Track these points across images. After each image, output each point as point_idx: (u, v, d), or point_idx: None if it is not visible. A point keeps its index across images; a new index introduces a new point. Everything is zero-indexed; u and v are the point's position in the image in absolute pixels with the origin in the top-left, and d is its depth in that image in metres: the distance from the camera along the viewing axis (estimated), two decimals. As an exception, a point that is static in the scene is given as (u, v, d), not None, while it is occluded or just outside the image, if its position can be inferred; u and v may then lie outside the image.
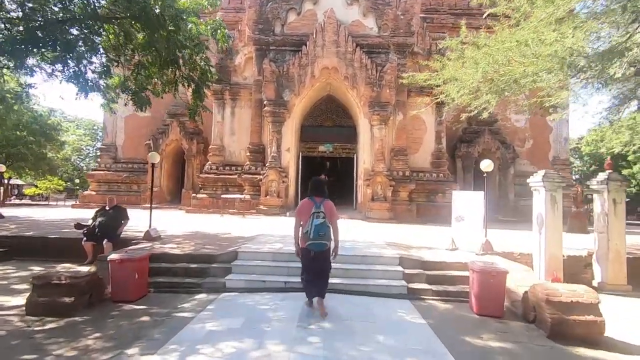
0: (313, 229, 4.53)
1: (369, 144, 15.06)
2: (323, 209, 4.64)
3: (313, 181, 4.93)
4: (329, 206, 4.73)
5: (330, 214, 4.69)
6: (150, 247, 7.13)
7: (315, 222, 4.54)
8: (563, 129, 17.67)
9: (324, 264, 4.80)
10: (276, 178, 14.57)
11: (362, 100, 14.83)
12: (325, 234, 4.62)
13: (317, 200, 4.71)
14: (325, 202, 4.72)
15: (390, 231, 10.98)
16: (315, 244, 4.60)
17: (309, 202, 4.75)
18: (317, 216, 4.57)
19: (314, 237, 4.56)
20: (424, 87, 15.64)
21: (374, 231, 10.72)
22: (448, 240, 8.60)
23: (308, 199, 4.80)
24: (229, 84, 15.88)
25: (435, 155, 15.48)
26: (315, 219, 4.55)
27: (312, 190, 4.84)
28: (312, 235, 4.55)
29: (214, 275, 6.28)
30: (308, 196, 4.84)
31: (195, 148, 17.38)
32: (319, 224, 4.55)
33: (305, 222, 4.65)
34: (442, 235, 10.41)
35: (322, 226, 4.56)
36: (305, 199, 4.90)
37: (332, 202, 4.89)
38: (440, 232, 11.21)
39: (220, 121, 15.98)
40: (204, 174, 15.66)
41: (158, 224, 11.10)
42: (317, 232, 4.53)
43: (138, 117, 18.38)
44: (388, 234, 10.27)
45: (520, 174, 17.37)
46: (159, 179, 17.50)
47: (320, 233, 4.56)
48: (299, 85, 14.89)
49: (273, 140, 14.95)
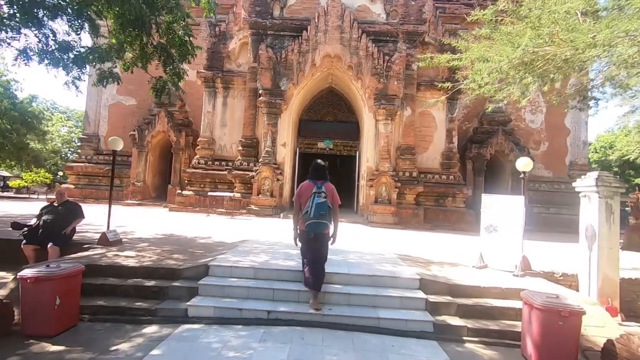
0: (314, 208, 4.29)
1: (373, 141, 13.45)
2: (324, 190, 4.40)
3: (314, 164, 4.62)
4: (330, 188, 4.49)
5: (332, 197, 4.45)
6: (99, 256, 5.47)
7: (316, 200, 4.31)
8: (581, 132, 16.13)
9: (321, 249, 4.49)
10: (270, 175, 12.93)
11: (367, 92, 13.23)
12: (326, 214, 4.35)
13: (318, 182, 4.46)
14: (327, 184, 4.48)
15: (397, 239, 9.35)
16: (315, 224, 4.31)
17: (309, 183, 4.49)
18: (318, 195, 4.35)
19: (314, 216, 4.29)
20: (434, 80, 14.11)
21: (379, 239, 9.09)
22: (471, 252, 7.02)
23: (308, 181, 4.53)
24: (222, 71, 14.23)
25: (445, 155, 13.87)
26: (316, 198, 4.33)
27: (312, 172, 4.57)
28: (313, 213, 4.28)
29: (174, 297, 4.63)
30: (308, 179, 4.57)
31: (184, 141, 15.70)
32: (320, 203, 4.31)
33: (305, 203, 4.39)
34: (459, 246, 8.82)
35: (323, 205, 4.32)
36: (305, 181, 4.60)
37: None
38: (455, 242, 9.60)
39: (211, 111, 14.32)
40: (190, 169, 13.99)
41: (131, 223, 9.52)
42: (317, 211, 4.28)
43: (123, 106, 16.73)
44: (396, 242, 8.65)
45: (534, 178, 15.83)
46: (143, 174, 15.81)
47: (322, 212, 4.30)
48: (298, 74, 13.27)
49: (268, 134, 13.31)
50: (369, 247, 7.40)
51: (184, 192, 13.68)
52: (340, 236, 4.77)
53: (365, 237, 9.21)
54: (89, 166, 16.05)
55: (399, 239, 9.36)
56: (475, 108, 16.38)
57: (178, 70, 7.71)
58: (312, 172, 4.58)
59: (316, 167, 4.58)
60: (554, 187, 15.85)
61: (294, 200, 4.64)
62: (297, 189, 4.61)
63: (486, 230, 6.18)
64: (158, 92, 7.53)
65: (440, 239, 10.17)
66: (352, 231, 10.25)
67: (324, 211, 4.31)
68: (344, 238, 8.54)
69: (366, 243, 8.10)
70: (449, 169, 13.82)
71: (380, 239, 9.14)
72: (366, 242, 8.23)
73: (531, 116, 16.28)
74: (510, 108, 16.24)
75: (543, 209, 15.64)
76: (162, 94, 7.65)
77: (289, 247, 6.64)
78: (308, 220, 4.31)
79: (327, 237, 4.51)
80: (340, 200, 4.59)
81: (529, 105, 16.30)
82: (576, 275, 6.30)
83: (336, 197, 4.51)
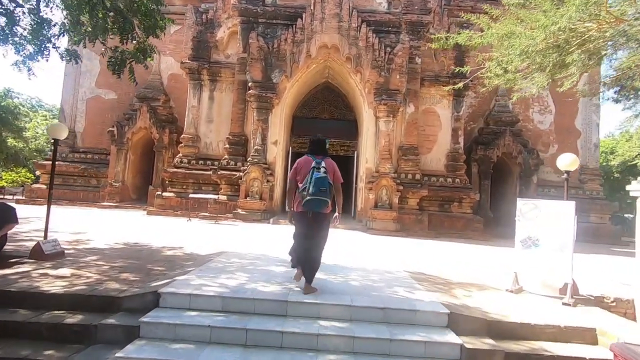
0: (313, 183, 3.69)
1: (373, 140, 12.11)
2: (324, 165, 3.85)
3: (313, 139, 4.15)
4: (331, 164, 3.97)
5: (333, 173, 3.93)
6: (19, 276, 4.02)
7: (315, 174, 3.73)
8: (592, 133, 14.95)
9: (320, 232, 3.92)
10: (259, 176, 11.52)
11: (367, 86, 11.91)
12: (327, 191, 3.74)
13: (318, 158, 3.94)
14: (327, 159, 3.98)
15: (402, 249, 7.98)
16: (314, 201, 3.68)
17: (308, 158, 3.99)
18: (317, 170, 3.78)
19: (313, 192, 3.67)
20: (439, 75, 12.85)
21: (382, 249, 7.71)
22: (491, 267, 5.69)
23: (307, 156, 4.05)
24: (208, 62, 12.83)
25: (451, 156, 12.56)
26: (315, 172, 3.75)
27: (311, 146, 4.10)
28: (312, 189, 3.67)
29: (104, 341, 3.20)
30: (306, 154, 4.09)
31: (168, 138, 14.22)
32: (319, 177, 3.72)
33: (303, 179, 3.84)
34: (474, 259, 7.48)
35: (323, 180, 3.73)
36: (303, 156, 4.11)
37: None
38: (468, 253, 8.26)
39: (196, 106, 12.88)
40: (172, 169, 12.52)
41: (94, 229, 7.99)
42: (317, 187, 3.67)
43: (102, 100, 15.23)
44: (402, 254, 7.27)
45: (543, 182, 14.58)
46: (122, 173, 14.30)
47: (322, 188, 3.69)
48: (292, 66, 11.91)
49: (257, 131, 11.91)
50: (372, 262, 6.01)
51: (164, 194, 12.20)
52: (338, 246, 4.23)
53: (366, 248, 7.82)
54: (63, 165, 14.48)
55: (404, 250, 7.98)
56: (480, 107, 15.17)
57: (145, 46, 6.30)
58: (311, 146, 4.10)
59: (315, 141, 4.11)
60: (564, 192, 14.60)
61: (289, 178, 4.13)
62: (295, 163, 4.07)
63: (523, 245, 4.82)
64: (116, 66, 6.10)
65: (449, 249, 8.81)
66: (350, 240, 8.87)
67: (324, 187, 3.71)
68: (342, 249, 7.16)
69: (368, 256, 6.71)
70: (455, 172, 12.51)
71: (383, 249, 7.76)
72: (368, 255, 6.84)
73: (540, 116, 15.07)
74: (517, 108, 15.04)
75: (552, 215, 14.36)
76: (122, 69, 6.22)
77: (275, 261, 5.25)
78: (306, 197, 3.71)
79: (328, 218, 3.92)
80: (342, 179, 4.08)
81: (537, 105, 15.10)
82: (632, 301, 4.98)
83: (338, 174, 4.01)
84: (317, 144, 4.09)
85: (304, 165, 3.92)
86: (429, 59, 12.77)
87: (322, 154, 4.03)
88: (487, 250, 9.19)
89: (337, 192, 4.00)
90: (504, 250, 9.33)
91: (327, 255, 6.03)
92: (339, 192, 4.04)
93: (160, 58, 14.93)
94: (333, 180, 3.88)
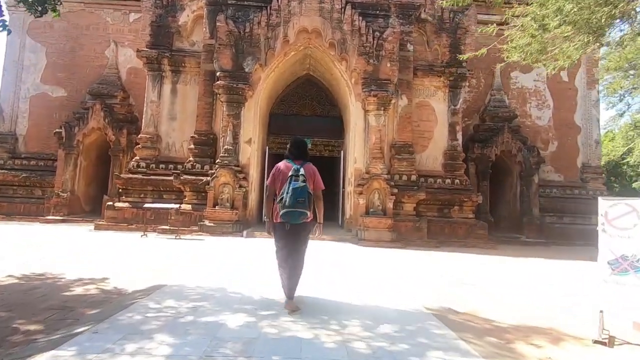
0: (290, 194, 3.29)
1: (362, 137, 10.37)
2: (303, 172, 3.41)
3: (293, 140, 3.70)
4: (310, 170, 3.53)
5: (313, 180, 3.51)
6: None
7: (293, 184, 3.34)
8: (593, 129, 13.70)
9: (299, 244, 3.47)
10: (230, 181, 9.56)
11: (354, 76, 10.20)
12: (305, 201, 3.32)
13: (297, 163, 3.50)
14: (307, 165, 3.53)
15: (407, 267, 6.16)
16: (291, 213, 3.29)
17: (286, 164, 3.54)
18: (295, 179, 3.37)
19: (290, 204, 3.28)
20: (434, 65, 11.26)
21: (381, 267, 5.87)
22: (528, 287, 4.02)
23: (286, 161, 3.58)
24: (170, 49, 10.84)
25: (448, 154, 10.93)
26: (293, 182, 3.36)
27: (290, 150, 3.62)
28: (289, 201, 3.28)
29: None
30: (285, 158, 3.61)
31: (126, 140, 12.07)
32: (297, 188, 3.32)
33: (281, 187, 3.43)
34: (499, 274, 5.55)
35: (301, 191, 3.31)
36: (282, 161, 3.61)
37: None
38: (487, 267, 6.50)
39: (156, 101, 10.83)
40: (126, 174, 10.39)
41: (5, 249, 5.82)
42: (295, 198, 3.28)
43: (49, 98, 12.95)
44: (410, 274, 5.46)
45: (544, 183, 13.17)
46: (71, 182, 12.02)
47: (299, 199, 3.29)
48: (267, 53, 10.09)
49: (228, 128, 9.97)
50: (376, 292, 4.16)
51: (117, 204, 10.04)
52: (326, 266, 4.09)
53: (362, 267, 5.97)
54: (0, 173, 12.11)
55: (409, 268, 6.18)
56: (475, 102, 13.71)
57: None
58: (291, 148, 3.64)
59: (295, 144, 3.65)
60: (566, 192, 13.25)
61: (267, 184, 3.74)
62: (273, 168, 3.63)
63: (613, 268, 3.08)
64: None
65: (460, 263, 7.07)
66: (340, 255, 7.01)
67: (302, 198, 3.30)
68: (331, 269, 5.31)
69: (367, 280, 4.86)
70: (454, 172, 10.88)
71: (383, 268, 5.93)
72: (367, 278, 5.00)
73: (538, 112, 13.72)
74: (514, 103, 13.68)
75: (556, 218, 12.97)
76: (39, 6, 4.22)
77: (233, 303, 3.35)
78: (283, 209, 3.30)
79: (307, 228, 3.51)
80: (323, 185, 3.64)
81: (534, 99, 13.76)
82: None
83: (319, 181, 3.58)
84: (297, 146, 3.65)
85: (282, 171, 3.51)
86: (421, 46, 11.18)
87: (302, 158, 3.61)
88: (504, 262, 7.51)
89: (317, 200, 3.60)
90: (524, 262, 7.68)
91: (313, 280, 4.15)
92: (320, 200, 3.64)
93: (117, 50, 12.87)
94: (313, 188, 3.50)
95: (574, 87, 13.77)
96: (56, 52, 12.96)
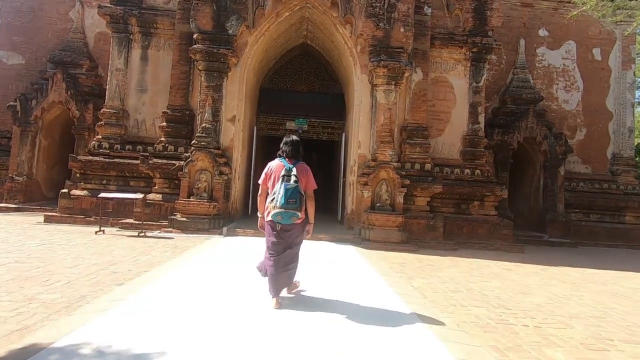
0: (281, 195, 3.22)
1: (367, 118, 8.54)
2: (295, 172, 3.33)
3: (286, 138, 3.57)
4: (303, 169, 3.45)
5: (305, 180, 3.44)
6: None
7: (285, 185, 3.26)
8: (627, 115, 11.91)
9: (289, 246, 3.42)
10: (209, 166, 7.76)
11: (360, 42, 8.31)
12: (297, 202, 3.25)
13: (289, 162, 3.42)
14: (299, 165, 3.45)
15: (431, 280, 4.41)
16: (282, 214, 3.21)
17: (278, 163, 3.47)
18: (287, 179, 3.30)
19: (281, 205, 3.19)
20: (454, 33, 9.31)
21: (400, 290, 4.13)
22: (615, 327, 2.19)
23: (278, 160, 3.50)
24: (139, 7, 8.85)
25: (468, 140, 9.13)
26: (285, 182, 3.28)
27: (283, 148, 3.52)
28: (280, 202, 3.21)
29: None
30: (277, 156, 3.55)
31: (92, 117, 10.16)
32: (289, 188, 3.24)
33: (273, 187, 3.37)
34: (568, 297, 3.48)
35: (293, 191, 3.24)
36: (274, 159, 3.55)
37: None
38: (539, 282, 4.61)
39: (122, 69, 8.90)
40: (85, 156, 8.56)
41: None
42: (286, 199, 3.20)
43: (3, 66, 10.96)
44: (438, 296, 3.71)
45: (569, 175, 11.45)
46: (28, 164, 10.18)
47: (290, 200, 3.20)
48: (255, 11, 8.14)
49: (207, 103, 8.10)
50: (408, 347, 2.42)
51: (72, 192, 8.23)
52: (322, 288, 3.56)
53: (371, 284, 4.22)
54: (-55, 152, 10.25)
55: (434, 281, 4.44)
56: (495, 82, 11.81)
57: None
58: (283, 148, 3.53)
59: (288, 142, 3.54)
60: (594, 186, 11.54)
61: (259, 182, 3.57)
62: (265, 167, 3.54)
63: None
64: None
65: (496, 276, 5.34)
66: (339, 265, 5.26)
67: (293, 199, 3.22)
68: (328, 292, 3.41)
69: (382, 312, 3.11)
70: (474, 160, 9.10)
71: (402, 289, 4.18)
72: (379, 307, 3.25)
73: (565, 94, 11.88)
74: (539, 83, 11.82)
75: (582, 215, 11.30)
76: None
77: None
78: (274, 210, 3.25)
79: (298, 229, 3.44)
80: (316, 184, 3.57)
81: (562, 80, 11.90)
82: None
83: (311, 181, 3.52)
84: (291, 145, 3.49)
85: (275, 171, 3.42)
86: (440, 11, 9.24)
87: (295, 157, 3.48)
88: (551, 275, 5.79)
89: (308, 201, 3.43)
90: (578, 274, 5.85)
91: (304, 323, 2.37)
92: (311, 200, 3.49)
93: (84, 11, 10.84)
94: (305, 188, 3.39)
95: (608, 67, 11.90)
96: (12, 11, 10.90)
